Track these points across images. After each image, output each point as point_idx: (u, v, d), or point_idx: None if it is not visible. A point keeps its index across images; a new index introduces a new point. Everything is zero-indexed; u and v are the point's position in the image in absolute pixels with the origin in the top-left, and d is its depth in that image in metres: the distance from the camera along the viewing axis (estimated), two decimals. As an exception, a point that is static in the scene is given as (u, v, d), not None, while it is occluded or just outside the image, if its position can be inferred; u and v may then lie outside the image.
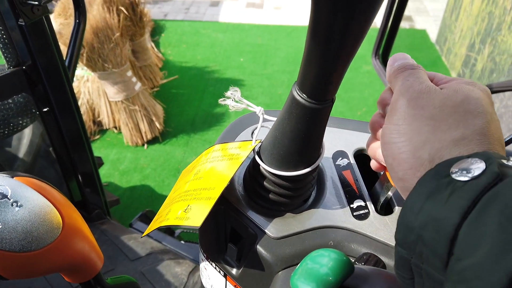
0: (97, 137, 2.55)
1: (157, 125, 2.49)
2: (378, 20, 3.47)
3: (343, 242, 0.49)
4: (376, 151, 0.45)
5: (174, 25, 3.75)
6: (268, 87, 3.00)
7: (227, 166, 0.51)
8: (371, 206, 0.52)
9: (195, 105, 2.81)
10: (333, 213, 0.52)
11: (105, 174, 2.31)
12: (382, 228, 0.50)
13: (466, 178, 0.28)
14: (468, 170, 0.29)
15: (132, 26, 2.64)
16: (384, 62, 1.34)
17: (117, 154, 2.44)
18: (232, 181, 0.55)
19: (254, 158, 0.51)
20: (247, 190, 0.54)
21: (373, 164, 0.48)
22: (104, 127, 2.55)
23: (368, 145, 0.46)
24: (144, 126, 2.46)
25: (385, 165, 0.42)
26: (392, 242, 0.48)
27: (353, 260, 0.45)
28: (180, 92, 2.95)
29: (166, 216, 0.52)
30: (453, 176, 0.29)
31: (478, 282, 0.25)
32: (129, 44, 2.65)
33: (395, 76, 0.39)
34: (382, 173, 0.53)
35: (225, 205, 0.53)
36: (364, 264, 0.43)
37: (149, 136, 2.48)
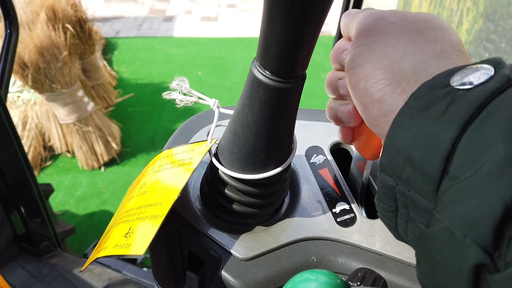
0: (49, 163, 2.37)
1: (114, 145, 2.35)
2: (333, 28, 3.47)
3: (328, 256, 0.40)
4: (337, 110, 0.36)
5: (127, 42, 3.61)
6: (229, 100, 2.92)
7: (178, 174, 0.41)
8: (357, 209, 0.43)
9: (154, 122, 2.69)
10: (313, 222, 0.42)
11: (60, 202, 2.14)
12: (373, 234, 0.41)
13: (470, 86, 0.22)
14: (472, 79, 0.23)
15: (81, 44, 2.51)
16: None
17: (72, 179, 2.27)
18: (185, 193, 0.44)
19: (211, 161, 0.41)
20: (206, 202, 0.43)
21: (340, 133, 0.39)
22: (56, 152, 2.37)
23: (328, 107, 0.38)
24: (99, 148, 2.31)
25: (348, 120, 0.36)
26: (388, 251, 0.39)
27: (346, 280, 0.35)
28: (137, 110, 2.81)
29: (105, 244, 0.42)
30: (454, 85, 0.23)
31: (477, 198, 0.19)
32: (78, 63, 2.50)
33: (354, 16, 0.33)
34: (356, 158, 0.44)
35: (179, 223, 0.42)
36: (360, 285, 0.34)
37: (106, 158, 2.33)
